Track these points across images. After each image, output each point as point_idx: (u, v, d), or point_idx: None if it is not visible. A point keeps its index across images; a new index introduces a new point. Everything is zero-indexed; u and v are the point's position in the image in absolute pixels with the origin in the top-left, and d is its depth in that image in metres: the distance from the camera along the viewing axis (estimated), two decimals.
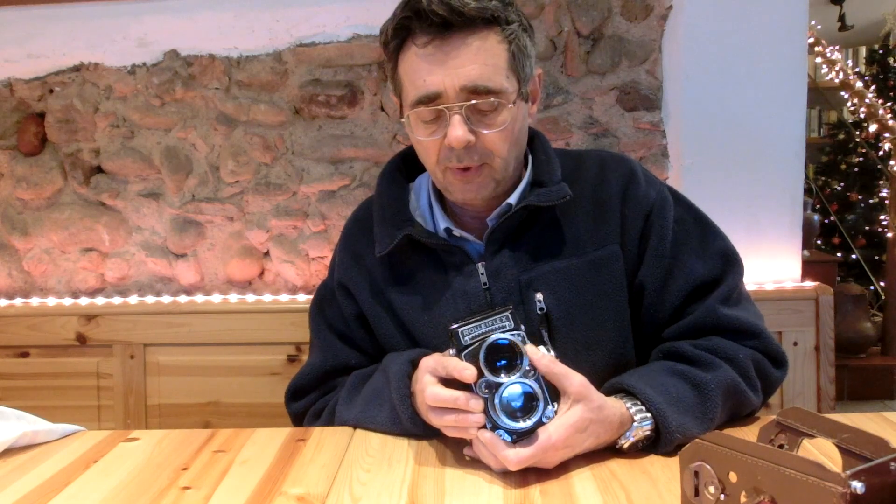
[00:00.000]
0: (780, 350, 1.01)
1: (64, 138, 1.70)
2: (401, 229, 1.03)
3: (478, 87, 0.92)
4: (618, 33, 1.60)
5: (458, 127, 0.93)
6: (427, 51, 0.93)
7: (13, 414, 0.98)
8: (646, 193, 1.04)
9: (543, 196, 1.00)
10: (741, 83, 1.58)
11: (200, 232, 1.71)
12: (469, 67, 0.92)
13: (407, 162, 1.13)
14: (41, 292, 1.74)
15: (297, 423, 1.13)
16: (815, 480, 0.54)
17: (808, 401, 1.49)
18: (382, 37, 0.98)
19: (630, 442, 0.85)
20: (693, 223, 1.06)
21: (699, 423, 0.88)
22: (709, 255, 1.03)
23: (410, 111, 0.97)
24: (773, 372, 0.99)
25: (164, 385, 1.55)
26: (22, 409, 1.00)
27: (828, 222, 4.18)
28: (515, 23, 0.96)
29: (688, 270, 1.02)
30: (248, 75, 1.64)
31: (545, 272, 1.01)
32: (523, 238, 1.03)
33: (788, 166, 1.60)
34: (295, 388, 1.13)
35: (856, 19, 4.23)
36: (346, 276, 1.12)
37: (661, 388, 0.88)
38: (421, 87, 0.94)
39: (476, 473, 0.81)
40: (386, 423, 0.96)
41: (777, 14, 1.56)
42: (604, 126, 1.62)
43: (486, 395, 0.80)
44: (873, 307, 3.75)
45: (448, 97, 0.93)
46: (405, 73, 0.97)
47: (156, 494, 0.79)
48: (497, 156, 0.97)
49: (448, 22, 0.91)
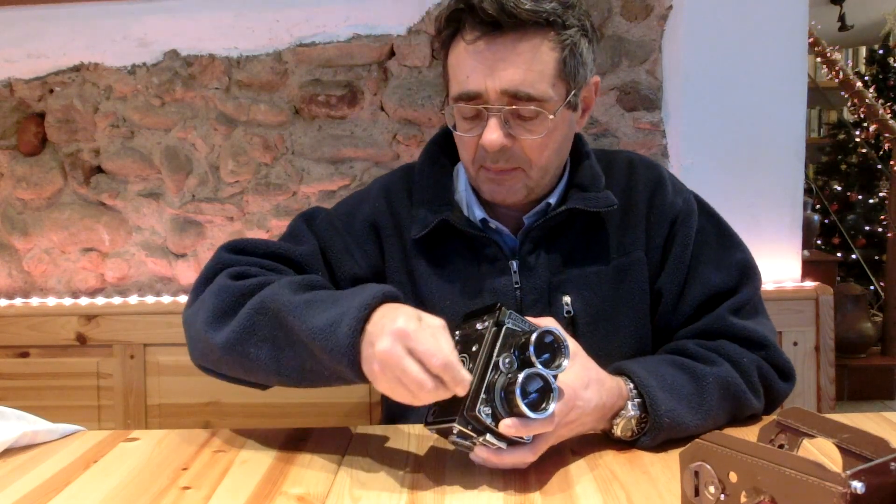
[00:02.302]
0: (789, 364, 1.00)
1: (64, 138, 1.70)
2: (438, 213, 1.01)
3: (519, 92, 0.90)
4: (618, 33, 1.60)
5: (493, 130, 0.92)
6: (474, 47, 0.91)
7: (13, 414, 0.98)
8: (672, 201, 1.04)
9: (591, 201, 0.99)
10: (741, 83, 1.58)
11: (200, 232, 1.71)
12: (512, 71, 0.90)
13: (449, 139, 1.09)
14: (41, 292, 1.74)
15: (204, 284, 0.97)
16: (816, 480, 0.54)
17: (808, 401, 1.49)
18: (436, 24, 0.97)
19: (624, 420, 0.85)
20: (714, 234, 1.05)
21: (693, 413, 0.87)
22: (726, 266, 1.02)
23: (453, 104, 0.96)
24: (778, 382, 0.98)
25: (164, 385, 1.55)
26: (22, 409, 1.00)
27: (828, 222, 4.18)
28: (574, 28, 0.93)
29: (704, 280, 1.01)
30: (248, 75, 1.64)
31: (575, 276, 1.01)
32: (559, 240, 1.02)
33: (788, 166, 1.60)
34: (238, 245, 1.01)
35: (856, 19, 4.23)
36: (382, 223, 1.05)
37: (656, 374, 0.88)
38: (463, 83, 0.93)
39: (476, 473, 0.81)
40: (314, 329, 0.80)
41: (777, 14, 1.56)
42: (604, 126, 1.62)
43: (509, 376, 0.75)
44: (873, 307, 3.75)
45: (488, 98, 0.92)
46: (452, 66, 0.96)
47: (156, 494, 0.79)
48: (534, 163, 0.96)
49: (498, 22, 0.89)
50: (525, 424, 0.74)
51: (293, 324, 0.82)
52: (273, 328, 0.85)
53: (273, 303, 0.85)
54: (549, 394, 0.75)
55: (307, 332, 0.80)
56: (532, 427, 0.75)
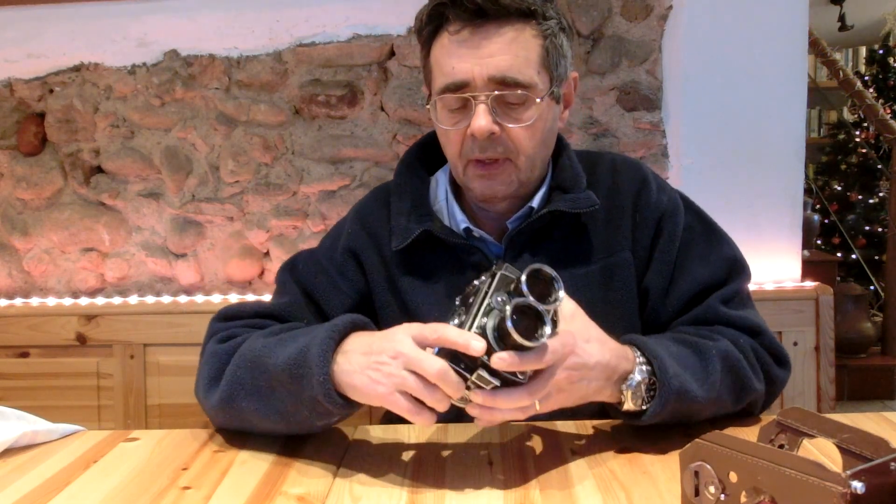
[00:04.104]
0: (783, 350, 1.00)
1: (64, 138, 1.70)
2: (420, 223, 1.01)
3: (507, 78, 0.91)
4: (618, 33, 1.60)
5: (482, 116, 0.92)
6: (459, 37, 0.92)
7: (13, 414, 0.98)
8: (657, 200, 1.04)
9: (571, 202, 0.99)
10: (741, 83, 1.58)
11: (200, 232, 1.71)
12: (499, 58, 0.91)
13: (426, 151, 1.10)
14: (41, 292, 1.74)
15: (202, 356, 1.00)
16: (816, 480, 0.54)
17: (808, 401, 1.49)
18: (417, 23, 0.98)
19: (633, 387, 0.84)
20: (701, 231, 1.05)
21: (699, 385, 0.86)
22: (714, 261, 1.02)
23: (437, 97, 0.96)
24: (774, 367, 0.97)
25: (164, 385, 1.55)
26: (22, 409, 1.00)
27: (828, 222, 4.18)
28: (553, 20, 0.95)
29: (692, 275, 1.01)
30: (248, 75, 1.64)
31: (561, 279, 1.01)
32: (543, 243, 1.02)
33: (788, 166, 1.60)
34: (227, 313, 1.03)
35: (856, 19, 4.24)
36: (359, 246, 1.06)
37: (661, 345, 0.88)
38: (449, 73, 0.93)
39: (476, 473, 0.81)
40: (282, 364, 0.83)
41: (777, 14, 1.56)
42: (604, 126, 1.62)
43: (500, 305, 0.74)
44: (873, 307, 3.75)
45: (476, 86, 0.92)
46: (436, 60, 0.96)
47: (156, 494, 0.79)
48: (521, 152, 0.96)
49: (483, 10, 0.90)
50: (518, 357, 0.72)
51: (268, 364, 0.85)
52: (254, 377, 0.87)
53: (250, 352, 0.89)
54: (543, 326, 0.72)
55: (281, 365, 0.83)
56: (525, 360, 0.72)
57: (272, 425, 0.89)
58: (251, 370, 0.88)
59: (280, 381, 0.84)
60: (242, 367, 0.89)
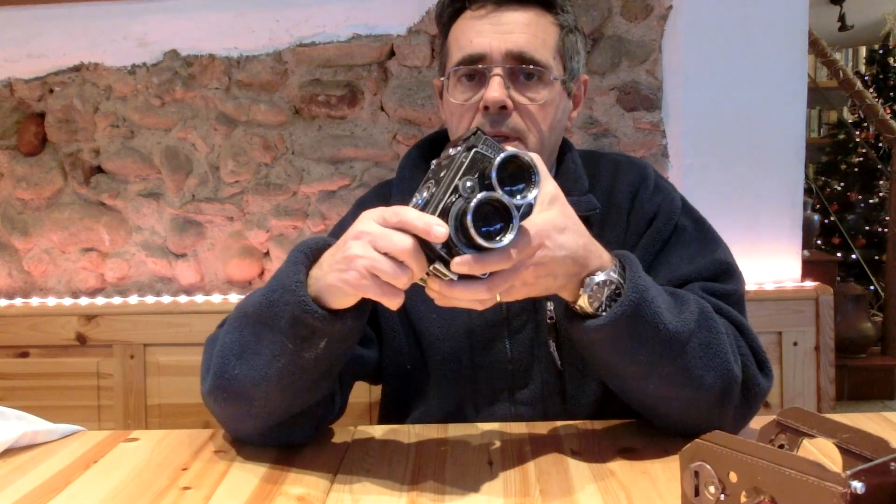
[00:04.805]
0: (767, 359, 0.91)
1: (64, 138, 1.70)
2: None
3: (524, 54, 0.94)
4: (618, 33, 1.60)
5: (496, 88, 0.93)
6: (479, 13, 0.96)
7: (13, 414, 0.98)
8: (651, 200, 1.03)
9: (573, 206, 0.98)
10: (741, 83, 1.58)
11: (200, 232, 1.71)
12: (518, 35, 0.94)
13: (430, 149, 1.11)
14: (41, 292, 1.74)
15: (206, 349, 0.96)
16: (815, 480, 0.54)
17: (808, 401, 1.49)
18: (438, 7, 1.01)
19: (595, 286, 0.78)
20: (694, 234, 1.02)
21: (670, 314, 0.80)
22: (700, 262, 0.97)
23: (451, 70, 0.98)
24: (755, 369, 0.88)
25: (164, 385, 1.55)
26: (22, 409, 1.00)
27: (828, 222, 4.19)
28: (571, 17, 1.00)
29: (671, 268, 0.97)
30: (248, 75, 1.64)
31: None
32: None
33: (788, 166, 1.60)
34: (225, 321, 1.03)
35: (856, 19, 4.24)
36: None
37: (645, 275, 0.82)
38: (466, 46, 0.96)
39: (476, 473, 0.81)
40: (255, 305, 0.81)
41: (777, 14, 1.56)
42: (604, 126, 1.62)
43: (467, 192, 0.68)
44: (873, 307, 3.75)
45: (492, 58, 0.94)
46: (454, 38, 0.99)
47: (156, 494, 0.79)
48: (531, 132, 0.96)
49: None
50: (477, 260, 0.68)
51: (248, 309, 0.82)
52: (241, 332, 0.83)
53: (234, 312, 0.87)
54: (509, 224, 0.68)
55: (258, 299, 0.80)
56: (485, 262, 0.69)
57: (266, 390, 0.82)
58: (236, 328, 0.84)
59: (260, 317, 0.80)
60: (228, 331, 0.85)
